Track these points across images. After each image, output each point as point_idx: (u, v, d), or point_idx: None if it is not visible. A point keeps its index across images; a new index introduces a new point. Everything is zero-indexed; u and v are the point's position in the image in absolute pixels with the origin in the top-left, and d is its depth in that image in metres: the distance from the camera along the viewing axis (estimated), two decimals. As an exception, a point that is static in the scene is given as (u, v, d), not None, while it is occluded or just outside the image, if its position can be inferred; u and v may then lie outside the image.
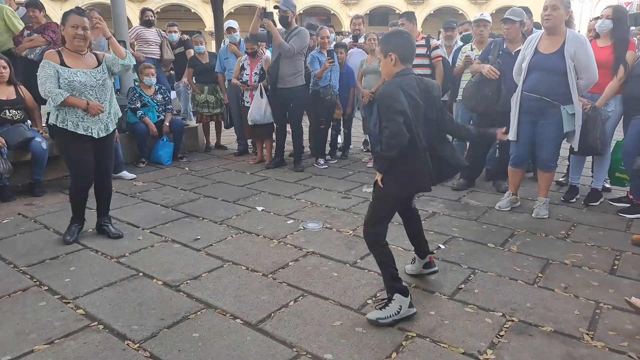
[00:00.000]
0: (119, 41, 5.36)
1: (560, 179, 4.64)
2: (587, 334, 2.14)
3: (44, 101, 3.38)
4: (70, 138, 3.06)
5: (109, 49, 5.45)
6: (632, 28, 2.88)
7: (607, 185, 4.33)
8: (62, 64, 2.98)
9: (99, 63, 3.15)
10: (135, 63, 3.51)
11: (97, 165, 3.21)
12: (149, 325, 2.24)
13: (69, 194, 3.33)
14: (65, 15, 3.01)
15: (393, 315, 2.21)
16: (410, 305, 2.25)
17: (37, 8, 5.07)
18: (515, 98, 3.68)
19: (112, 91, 3.27)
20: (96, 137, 3.09)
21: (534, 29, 4.55)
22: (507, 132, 2.73)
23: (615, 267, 2.81)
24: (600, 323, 2.23)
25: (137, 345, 2.10)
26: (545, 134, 3.59)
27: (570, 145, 3.76)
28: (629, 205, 3.79)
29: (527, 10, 4.71)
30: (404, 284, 2.30)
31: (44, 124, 3.99)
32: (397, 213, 2.45)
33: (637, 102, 3.68)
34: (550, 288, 2.56)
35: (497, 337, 2.12)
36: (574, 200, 4.09)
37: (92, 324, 2.26)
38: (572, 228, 3.46)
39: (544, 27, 3.52)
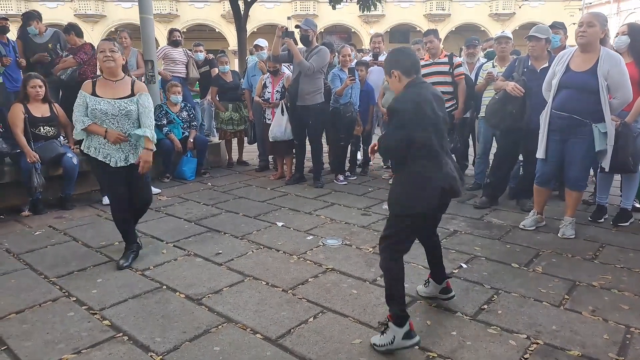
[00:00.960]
0: (146, 60, 5.64)
1: (587, 198, 4.53)
2: (617, 359, 2.07)
3: None
4: (98, 163, 3.11)
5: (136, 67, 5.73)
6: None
7: (638, 205, 4.21)
8: (93, 93, 3.07)
9: (132, 94, 3.12)
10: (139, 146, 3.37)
11: (132, 192, 3.19)
12: (172, 338, 2.27)
13: (112, 215, 3.31)
14: (97, 47, 3.16)
15: (387, 345, 2.11)
16: (409, 336, 2.09)
17: (74, 31, 5.33)
18: (545, 115, 3.63)
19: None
20: (113, 166, 3.08)
21: (567, 45, 4.50)
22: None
23: (646, 291, 2.72)
24: (631, 348, 2.15)
25: (160, 357, 2.13)
26: (575, 153, 3.52)
27: (600, 164, 3.67)
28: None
29: (562, 26, 4.68)
30: (405, 309, 2.17)
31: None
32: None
33: None
34: (577, 311, 2.49)
35: (522, 360, 2.07)
36: (602, 220, 3.98)
37: (118, 335, 2.30)
38: (601, 249, 3.37)
39: (578, 44, 3.47)
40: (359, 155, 6.10)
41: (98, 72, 3.77)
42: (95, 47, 3.54)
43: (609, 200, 4.10)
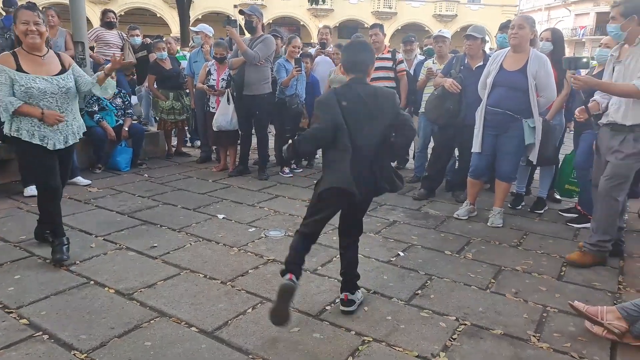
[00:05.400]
0: (76, 42, 5.26)
1: (514, 190, 4.84)
2: (534, 336, 2.23)
3: None
4: (30, 148, 2.82)
5: (65, 49, 5.30)
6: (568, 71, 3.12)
7: (557, 197, 4.56)
8: (19, 69, 2.74)
9: (64, 68, 2.89)
10: (111, 94, 3.34)
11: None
12: (98, 335, 2.15)
13: (38, 207, 3.04)
14: (16, 12, 2.79)
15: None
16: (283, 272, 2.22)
17: None
18: (480, 112, 3.82)
19: (76, 103, 3.02)
20: (51, 149, 2.82)
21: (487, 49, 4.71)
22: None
23: (562, 274, 2.95)
24: (546, 326, 2.32)
25: (85, 355, 2.01)
26: (507, 147, 3.74)
27: (528, 157, 3.91)
28: (576, 215, 3.99)
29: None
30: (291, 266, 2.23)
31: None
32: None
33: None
34: (501, 293, 2.66)
35: (450, 341, 2.17)
36: (520, 207, 4.32)
37: (36, 334, 2.14)
38: (524, 237, 3.61)
39: (510, 45, 3.69)
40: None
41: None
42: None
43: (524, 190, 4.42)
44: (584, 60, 2.96)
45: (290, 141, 2.28)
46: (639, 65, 2.80)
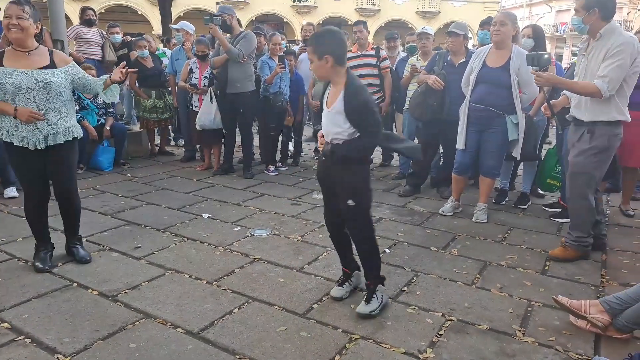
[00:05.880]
0: (55, 40, 5.14)
1: (498, 186, 4.90)
2: (519, 330, 2.26)
3: None
4: (12, 149, 2.69)
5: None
6: (530, 68, 3.10)
7: (540, 192, 4.63)
8: (0, 64, 2.61)
9: (52, 64, 2.71)
10: (115, 102, 3.20)
11: (52, 180, 2.83)
12: (82, 338, 2.11)
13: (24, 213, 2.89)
14: (4, 10, 2.65)
15: (380, 304, 2.35)
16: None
17: None
18: (464, 109, 3.85)
19: (69, 102, 2.80)
20: (32, 149, 2.65)
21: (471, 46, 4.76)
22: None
23: (546, 268, 2.99)
24: (531, 320, 2.36)
25: (68, 358, 1.97)
26: (491, 143, 3.78)
27: (511, 153, 3.95)
28: (559, 210, 4.06)
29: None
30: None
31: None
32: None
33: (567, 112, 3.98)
34: (487, 288, 2.69)
35: (437, 337, 2.19)
36: (504, 202, 4.38)
37: (18, 338, 2.10)
38: (509, 232, 3.66)
39: (492, 42, 3.72)
40: (291, 146, 6.07)
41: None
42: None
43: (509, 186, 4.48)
44: (546, 57, 2.98)
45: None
46: (599, 61, 2.80)
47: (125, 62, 2.94)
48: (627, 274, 2.90)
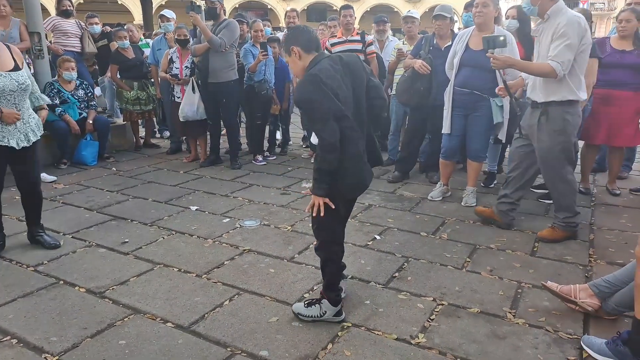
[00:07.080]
0: (32, 32, 4.98)
1: (487, 169, 4.92)
2: (509, 312, 2.28)
3: None
4: None
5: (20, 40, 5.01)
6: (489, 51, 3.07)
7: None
8: None
9: (17, 66, 2.76)
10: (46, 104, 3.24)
11: (20, 176, 2.92)
12: (70, 336, 2.07)
13: None
14: None
15: (315, 317, 2.17)
16: (339, 313, 2.18)
17: None
18: (448, 93, 3.83)
19: (28, 101, 2.93)
20: (17, 147, 2.76)
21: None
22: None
23: (535, 249, 3.02)
24: (521, 302, 2.38)
25: (56, 357, 1.94)
26: (476, 126, 3.77)
27: (497, 136, 3.96)
28: (547, 191, 4.08)
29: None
30: (341, 294, 2.24)
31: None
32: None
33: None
34: (477, 271, 2.70)
35: (428, 321, 2.20)
36: (492, 185, 4.40)
37: (4, 339, 2.06)
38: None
39: (475, 23, 3.68)
40: (278, 135, 6.01)
41: None
42: None
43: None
44: (501, 39, 2.97)
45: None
46: (547, 43, 2.81)
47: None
48: (614, 252, 2.94)
